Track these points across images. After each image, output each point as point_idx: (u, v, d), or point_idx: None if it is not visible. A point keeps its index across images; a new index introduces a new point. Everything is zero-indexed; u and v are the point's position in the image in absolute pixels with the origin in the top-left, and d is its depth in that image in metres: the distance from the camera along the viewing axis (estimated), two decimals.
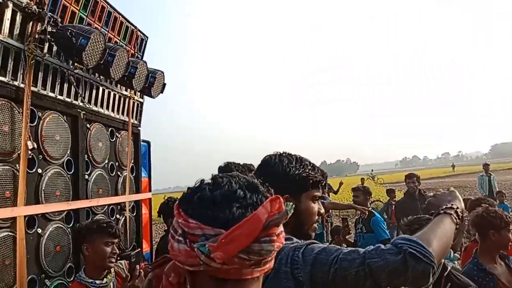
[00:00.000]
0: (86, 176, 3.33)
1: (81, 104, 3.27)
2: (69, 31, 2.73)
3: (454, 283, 2.60)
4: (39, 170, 2.83)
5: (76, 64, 3.05)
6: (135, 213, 4.15)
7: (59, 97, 3.03)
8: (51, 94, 2.95)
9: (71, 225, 3.09)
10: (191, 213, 0.88)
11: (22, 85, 2.65)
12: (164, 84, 3.98)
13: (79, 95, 3.23)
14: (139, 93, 4.08)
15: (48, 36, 2.73)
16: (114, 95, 3.79)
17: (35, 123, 2.81)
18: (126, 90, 3.91)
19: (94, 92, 3.47)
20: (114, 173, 3.79)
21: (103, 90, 3.61)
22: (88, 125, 3.40)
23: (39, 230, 2.80)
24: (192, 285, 0.92)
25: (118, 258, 2.84)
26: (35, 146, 2.75)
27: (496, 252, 3.09)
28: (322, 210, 1.66)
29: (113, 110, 3.78)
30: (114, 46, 3.19)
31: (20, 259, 2.51)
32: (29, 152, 2.66)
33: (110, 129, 3.76)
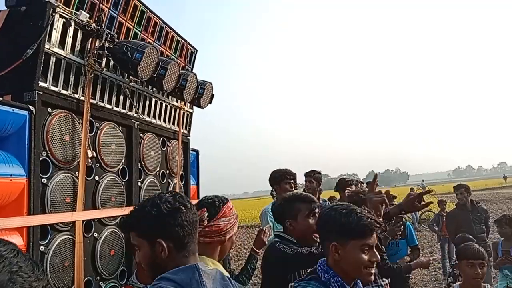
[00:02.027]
0: (139, 183, 3.49)
1: (135, 115, 3.44)
2: (125, 46, 2.89)
3: None
4: (96, 177, 3.01)
5: (131, 77, 3.22)
6: None
7: (115, 108, 3.21)
8: (108, 106, 3.13)
9: None
10: None
11: (82, 98, 2.83)
12: (213, 95, 4.10)
13: (133, 106, 3.40)
14: (189, 104, 4.22)
15: (106, 52, 2.91)
16: (166, 106, 3.96)
17: (93, 133, 2.99)
18: (176, 101, 4.07)
19: (147, 103, 3.65)
20: (165, 180, 3.94)
21: (156, 102, 3.78)
22: (141, 135, 3.57)
23: (95, 234, 2.96)
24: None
25: None
26: (95, 154, 2.92)
27: None
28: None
29: (164, 121, 3.94)
30: (166, 59, 3.34)
31: (78, 261, 2.66)
32: (88, 160, 2.83)
33: (161, 139, 3.92)
